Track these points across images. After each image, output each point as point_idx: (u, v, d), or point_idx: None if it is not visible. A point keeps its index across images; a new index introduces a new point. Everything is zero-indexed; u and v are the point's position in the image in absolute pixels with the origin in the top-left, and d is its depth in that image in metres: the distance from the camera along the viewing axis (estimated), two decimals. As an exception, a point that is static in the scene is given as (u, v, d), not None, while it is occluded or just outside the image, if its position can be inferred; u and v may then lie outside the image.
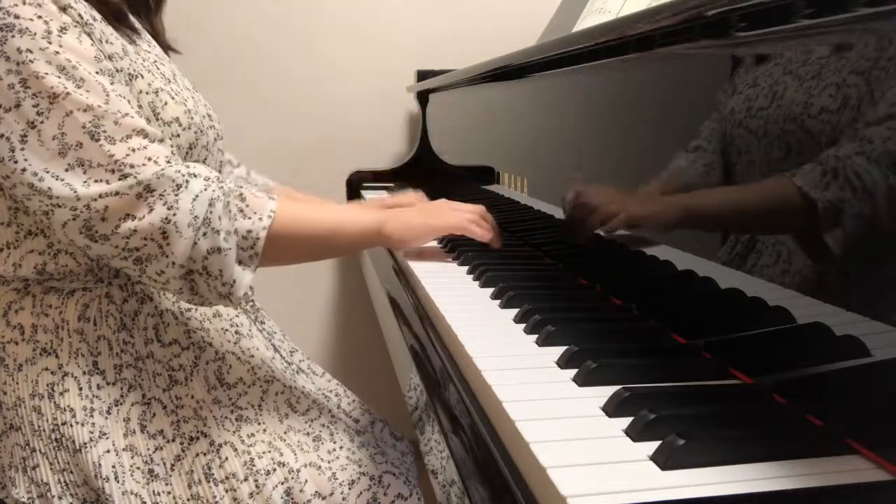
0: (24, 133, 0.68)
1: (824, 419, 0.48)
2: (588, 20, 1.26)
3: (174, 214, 0.69)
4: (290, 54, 1.79)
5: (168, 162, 0.71)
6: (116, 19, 0.80)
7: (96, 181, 0.68)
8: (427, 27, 1.83)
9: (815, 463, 0.45)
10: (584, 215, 0.84)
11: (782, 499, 0.42)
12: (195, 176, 0.71)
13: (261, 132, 1.77)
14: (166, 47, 0.98)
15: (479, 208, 0.99)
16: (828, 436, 0.47)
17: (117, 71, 0.76)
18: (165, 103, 0.80)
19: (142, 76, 0.79)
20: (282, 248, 0.77)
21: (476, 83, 1.33)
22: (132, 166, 0.69)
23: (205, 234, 0.70)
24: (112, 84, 0.72)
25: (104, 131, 0.69)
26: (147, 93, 0.78)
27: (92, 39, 0.73)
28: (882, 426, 0.45)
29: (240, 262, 0.73)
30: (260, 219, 0.74)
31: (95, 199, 0.68)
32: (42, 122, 0.68)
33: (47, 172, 0.68)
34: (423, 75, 1.78)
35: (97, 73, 0.71)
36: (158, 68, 0.84)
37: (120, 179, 0.68)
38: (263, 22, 1.76)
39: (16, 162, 0.68)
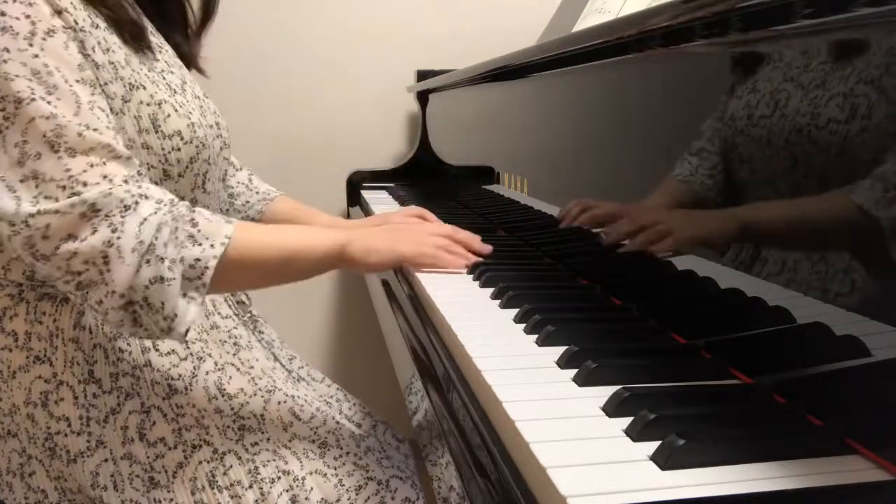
0: None
1: (824, 419, 0.48)
2: (588, 20, 1.26)
3: (118, 238, 0.64)
4: (291, 54, 1.79)
5: (123, 181, 0.67)
6: (134, 38, 0.78)
7: (46, 197, 0.64)
8: (427, 27, 1.83)
9: (815, 463, 0.45)
10: (623, 235, 0.80)
11: (782, 499, 0.42)
12: (146, 198, 0.67)
13: (261, 132, 1.77)
14: (195, 68, 0.96)
15: (450, 231, 0.94)
16: (828, 436, 0.47)
17: (115, 80, 0.74)
18: (168, 115, 0.77)
19: (144, 87, 0.77)
20: (236, 274, 0.73)
21: (476, 83, 1.33)
22: (85, 184, 0.65)
23: (148, 261, 0.65)
24: (92, 95, 0.69)
25: (65, 142, 0.65)
26: (149, 104, 0.76)
27: (85, 47, 0.70)
28: (882, 426, 0.45)
29: (184, 295, 0.68)
30: (212, 245, 0.69)
31: (35, 217, 0.64)
32: (7, 128, 0.65)
33: (3, 182, 0.65)
34: (423, 75, 1.78)
35: (77, 81, 0.68)
36: (165, 78, 0.81)
37: (68, 197, 0.64)
38: (263, 22, 1.76)
39: None
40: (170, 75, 0.83)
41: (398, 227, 0.94)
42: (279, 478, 0.79)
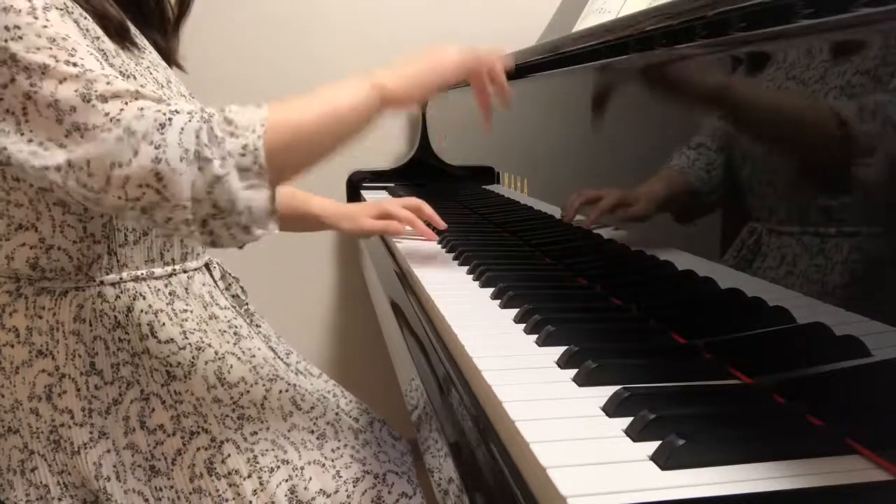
0: (24, 106, 0.67)
1: (824, 419, 0.48)
2: (588, 20, 1.26)
3: (163, 153, 0.64)
4: (290, 54, 1.79)
5: (156, 103, 0.68)
6: (118, 35, 0.80)
7: (91, 139, 0.65)
8: (427, 27, 1.83)
9: (815, 463, 0.45)
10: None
11: (782, 499, 0.42)
12: (177, 112, 0.67)
13: (261, 132, 1.77)
14: (174, 63, 0.97)
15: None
16: (828, 436, 0.47)
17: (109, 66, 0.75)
18: None
19: (134, 77, 0.78)
20: (288, 150, 0.71)
21: (476, 83, 1.33)
22: (124, 118, 0.66)
23: (200, 168, 0.65)
24: (104, 68, 0.70)
25: (95, 92, 0.66)
26: None
27: (79, 27, 0.72)
28: (882, 426, 0.45)
29: (248, 186, 0.67)
30: (252, 130, 0.68)
31: (76, 157, 0.65)
32: (36, 93, 0.66)
33: (51, 140, 0.67)
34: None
35: (90, 53, 0.70)
36: (151, 73, 0.83)
37: (111, 132, 0.65)
38: (263, 22, 1.76)
39: (22, 134, 0.67)
40: (155, 72, 0.85)
41: (418, 55, 0.86)
42: (278, 467, 0.80)
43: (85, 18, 0.75)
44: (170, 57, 0.97)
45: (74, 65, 0.67)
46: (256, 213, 0.68)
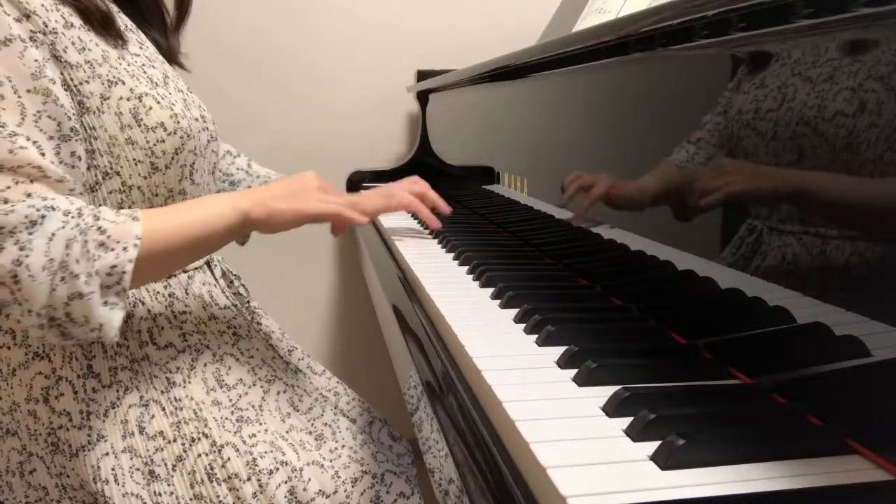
0: None
1: (824, 419, 0.48)
2: (588, 20, 1.26)
3: (26, 256, 0.63)
4: (290, 54, 1.79)
5: (27, 196, 0.65)
6: (102, 27, 0.78)
7: None
8: (427, 27, 1.83)
9: (815, 463, 0.45)
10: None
11: (782, 499, 0.42)
12: (52, 209, 0.65)
13: (261, 132, 1.77)
14: (176, 63, 0.97)
15: (349, 197, 0.96)
16: (828, 436, 0.47)
17: (93, 78, 0.73)
18: (150, 108, 0.78)
19: (123, 82, 0.77)
20: (152, 267, 0.73)
21: (476, 83, 1.33)
22: (5, 201, 0.64)
23: (63, 278, 0.64)
24: (44, 105, 0.68)
25: None
26: (129, 99, 0.77)
27: (56, 49, 0.69)
28: (882, 426, 0.45)
29: (106, 303, 0.67)
30: (124, 249, 0.68)
31: None
32: None
33: None
34: (423, 75, 1.78)
35: (27, 91, 0.67)
36: (146, 72, 0.82)
37: None
38: (263, 22, 1.76)
39: None
40: (151, 69, 0.83)
41: (294, 187, 0.91)
42: (277, 469, 0.80)
43: (70, 28, 0.73)
44: (171, 56, 0.97)
45: None
46: (106, 331, 0.68)
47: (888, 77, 0.43)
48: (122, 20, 0.85)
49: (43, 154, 0.67)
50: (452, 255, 1.03)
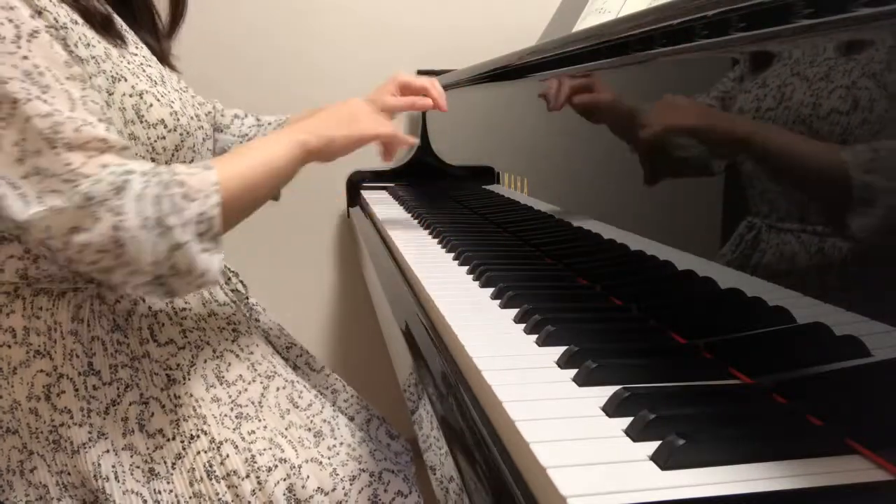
0: None
1: (824, 419, 0.48)
2: (588, 20, 1.26)
3: (123, 220, 0.66)
4: (290, 54, 1.79)
5: (104, 166, 0.69)
6: (103, 28, 0.80)
7: (51, 192, 0.66)
8: (427, 27, 1.83)
9: (815, 463, 0.45)
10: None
11: (782, 499, 0.42)
12: (131, 173, 0.68)
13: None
14: (167, 65, 0.98)
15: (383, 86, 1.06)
16: (828, 436, 0.47)
17: (98, 73, 0.75)
18: (150, 105, 0.79)
19: (125, 79, 0.78)
20: (235, 209, 0.77)
21: (476, 83, 1.33)
22: (86, 176, 0.67)
23: (160, 233, 0.68)
24: (83, 90, 0.70)
25: (62, 138, 0.67)
26: (131, 95, 0.78)
27: (67, 44, 0.71)
28: (882, 426, 0.45)
29: (204, 250, 0.71)
30: (207, 196, 0.71)
31: (35, 218, 0.65)
32: (4, 128, 0.66)
33: (4, 180, 0.66)
34: (423, 75, 1.77)
35: (67, 78, 0.69)
36: (145, 70, 0.83)
37: (72, 189, 0.66)
38: (263, 22, 1.76)
39: None
40: (149, 69, 0.85)
41: (344, 109, 0.99)
42: (276, 466, 0.80)
43: (76, 24, 0.74)
44: (163, 59, 0.97)
45: (45, 102, 0.67)
46: (211, 276, 0.72)
47: (880, 75, 0.43)
48: (118, 21, 0.86)
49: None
50: (452, 254, 1.03)
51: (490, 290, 0.83)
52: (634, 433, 0.47)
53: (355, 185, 1.78)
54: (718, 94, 0.60)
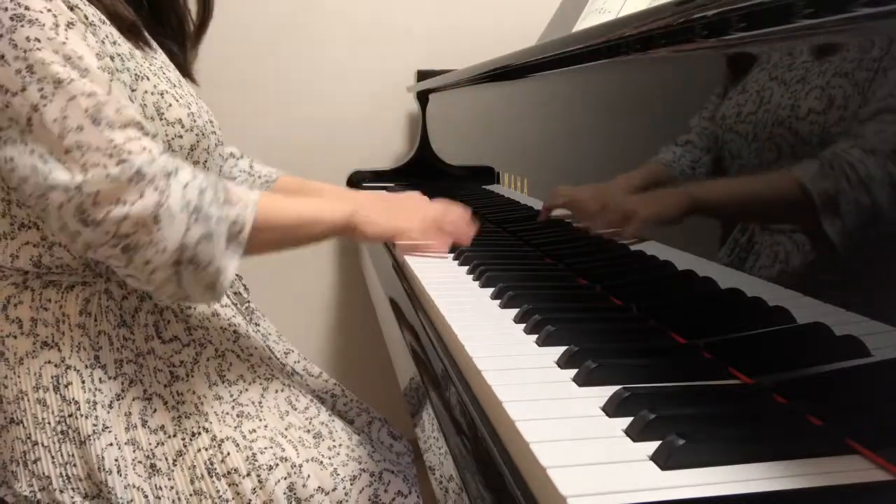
0: (29, 116, 0.69)
1: (824, 419, 0.48)
2: (588, 20, 1.26)
3: (167, 198, 0.69)
4: (290, 54, 1.79)
5: (161, 153, 0.73)
6: (130, 32, 0.83)
7: (94, 165, 0.69)
8: (427, 27, 1.83)
9: (815, 463, 0.45)
10: (590, 218, 0.84)
11: (782, 499, 0.42)
12: (182, 168, 0.73)
13: (261, 132, 1.77)
14: (188, 77, 0.99)
15: (442, 211, 1.03)
16: (828, 436, 0.47)
17: (123, 70, 0.77)
18: (170, 105, 0.81)
19: (147, 78, 0.80)
20: (262, 235, 0.79)
21: (476, 83, 1.33)
22: (130, 152, 0.70)
23: (196, 219, 0.70)
24: (112, 81, 0.73)
25: (105, 117, 0.70)
26: (152, 93, 0.80)
27: (97, 38, 0.74)
28: (882, 426, 0.45)
29: (227, 248, 0.74)
30: (246, 206, 0.75)
31: (87, 183, 0.68)
32: (45, 106, 0.69)
33: (51, 154, 0.69)
34: (423, 75, 1.78)
35: (99, 68, 0.72)
36: (165, 73, 0.85)
37: (116, 165, 0.69)
38: (263, 22, 1.76)
39: (25, 144, 0.69)
40: (168, 72, 0.87)
41: (395, 203, 1.02)
42: (277, 465, 0.80)
43: (103, 23, 0.77)
44: (184, 68, 0.99)
45: (87, 83, 0.70)
46: (223, 278, 0.74)
47: (874, 76, 0.43)
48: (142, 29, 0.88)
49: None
50: (452, 255, 1.03)
51: (490, 290, 0.83)
52: (634, 433, 0.47)
53: (355, 184, 1.78)
54: (718, 93, 0.60)
